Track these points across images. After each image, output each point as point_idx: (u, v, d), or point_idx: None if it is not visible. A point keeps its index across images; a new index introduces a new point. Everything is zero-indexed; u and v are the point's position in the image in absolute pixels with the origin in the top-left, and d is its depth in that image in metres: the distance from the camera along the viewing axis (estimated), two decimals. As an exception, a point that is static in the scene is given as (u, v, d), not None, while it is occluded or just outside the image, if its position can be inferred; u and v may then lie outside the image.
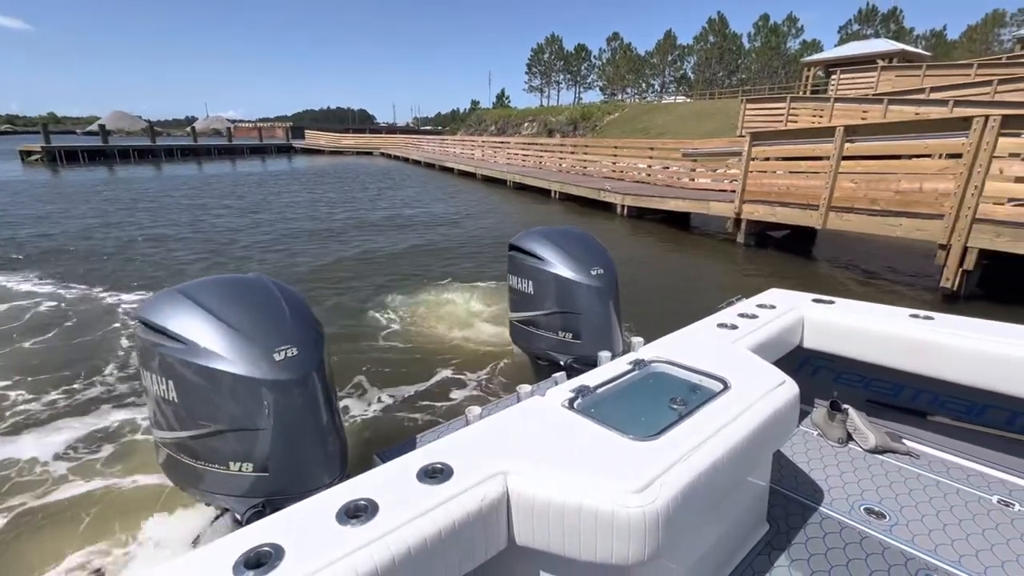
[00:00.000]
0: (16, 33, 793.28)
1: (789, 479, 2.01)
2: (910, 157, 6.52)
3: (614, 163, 14.89)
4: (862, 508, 1.85)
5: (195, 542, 1.90)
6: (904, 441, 2.22)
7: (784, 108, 16.34)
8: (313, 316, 1.84)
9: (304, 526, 0.98)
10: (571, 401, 1.43)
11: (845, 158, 6.78)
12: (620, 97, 59.51)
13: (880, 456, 2.15)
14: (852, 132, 6.66)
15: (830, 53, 29.13)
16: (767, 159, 8.46)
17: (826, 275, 7.26)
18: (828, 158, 6.87)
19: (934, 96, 13.29)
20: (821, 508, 1.85)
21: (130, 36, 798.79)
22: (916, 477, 2.02)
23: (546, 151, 19.11)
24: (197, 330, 1.59)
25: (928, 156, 6.14)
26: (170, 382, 1.61)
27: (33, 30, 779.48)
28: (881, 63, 20.21)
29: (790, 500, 1.90)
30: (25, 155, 29.18)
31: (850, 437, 2.25)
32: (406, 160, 33.05)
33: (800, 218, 7.44)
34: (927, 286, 6.41)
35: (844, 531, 1.74)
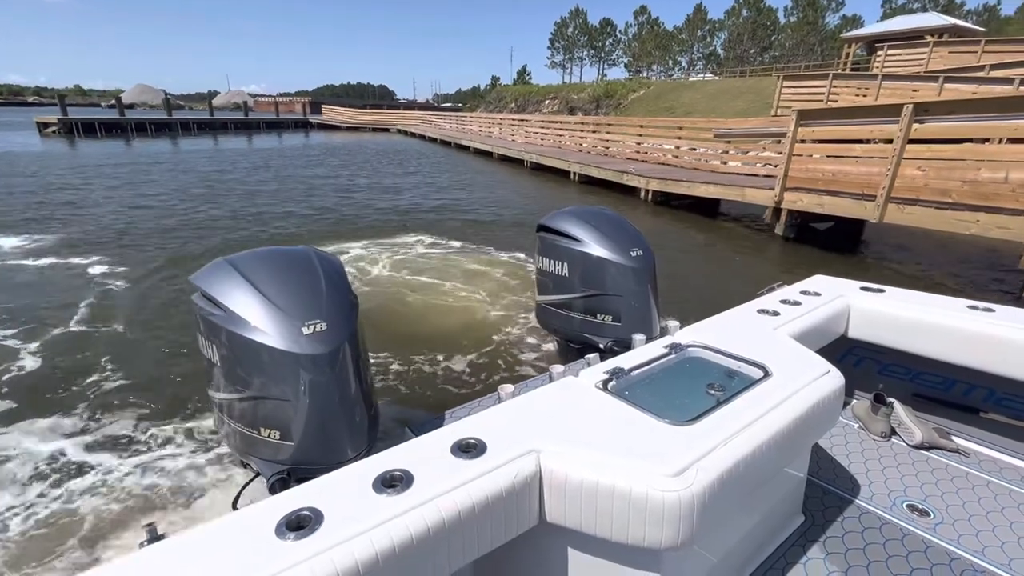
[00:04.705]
0: (46, 5, 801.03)
1: (827, 471, 1.96)
2: (992, 141, 5.57)
3: (638, 143, 13.94)
4: (904, 504, 1.79)
5: (235, 503, 1.95)
6: (953, 438, 2.12)
7: (825, 86, 15.22)
8: (349, 290, 1.85)
9: (342, 493, 0.98)
10: (605, 383, 1.40)
11: (912, 141, 5.85)
12: (645, 75, 57.20)
13: (926, 452, 2.07)
14: (923, 111, 5.72)
15: (874, 28, 26.85)
16: (817, 141, 7.49)
17: (878, 277, 6.39)
18: (891, 141, 5.95)
19: (995, 74, 11.97)
20: (860, 502, 1.80)
21: (157, 10, 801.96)
22: (965, 476, 1.93)
23: (566, 130, 18.13)
24: (237, 300, 1.65)
25: (1020, 140, 5.20)
26: (214, 346, 1.70)
27: (64, 1, 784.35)
28: (931, 39, 18.60)
29: (828, 493, 1.85)
30: (42, 127, 29.11)
31: (894, 432, 2.17)
32: (422, 137, 32.24)
33: (853, 209, 6.54)
34: (1005, 293, 5.54)
35: (884, 527, 1.68)
